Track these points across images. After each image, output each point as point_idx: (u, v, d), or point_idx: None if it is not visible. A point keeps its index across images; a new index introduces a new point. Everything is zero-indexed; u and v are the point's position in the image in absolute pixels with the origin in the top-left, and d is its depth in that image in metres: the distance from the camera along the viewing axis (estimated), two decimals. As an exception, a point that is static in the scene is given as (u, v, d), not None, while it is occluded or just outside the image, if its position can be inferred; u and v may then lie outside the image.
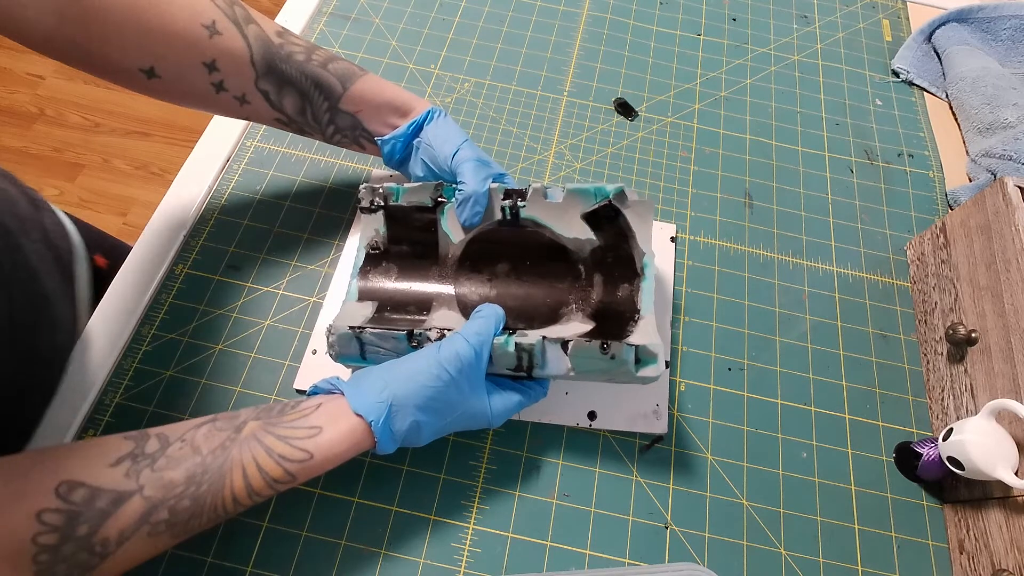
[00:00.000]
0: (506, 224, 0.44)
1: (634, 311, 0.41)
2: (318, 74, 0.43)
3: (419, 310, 0.44)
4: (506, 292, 0.44)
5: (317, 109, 0.44)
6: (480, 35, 0.65)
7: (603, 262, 0.43)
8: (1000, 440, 0.39)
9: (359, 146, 0.47)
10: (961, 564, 0.42)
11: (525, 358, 0.38)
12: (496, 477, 0.43)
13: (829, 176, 0.59)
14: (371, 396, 0.36)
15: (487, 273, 0.45)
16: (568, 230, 0.44)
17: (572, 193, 0.43)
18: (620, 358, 0.37)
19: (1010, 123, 0.57)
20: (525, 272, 0.44)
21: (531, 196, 0.43)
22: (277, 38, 0.43)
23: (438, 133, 0.45)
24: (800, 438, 0.46)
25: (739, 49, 0.67)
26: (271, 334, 0.47)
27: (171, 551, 0.39)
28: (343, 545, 0.40)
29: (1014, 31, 0.66)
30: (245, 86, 0.42)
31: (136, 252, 0.50)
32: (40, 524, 0.28)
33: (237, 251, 0.50)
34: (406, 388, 0.36)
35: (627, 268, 0.43)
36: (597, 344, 0.37)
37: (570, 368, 0.38)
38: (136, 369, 0.45)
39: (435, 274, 0.45)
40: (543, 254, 0.44)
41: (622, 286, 0.42)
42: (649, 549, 0.42)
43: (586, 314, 0.43)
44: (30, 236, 0.46)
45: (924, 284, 0.52)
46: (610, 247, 0.43)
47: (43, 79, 1.51)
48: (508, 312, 0.40)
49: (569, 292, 0.43)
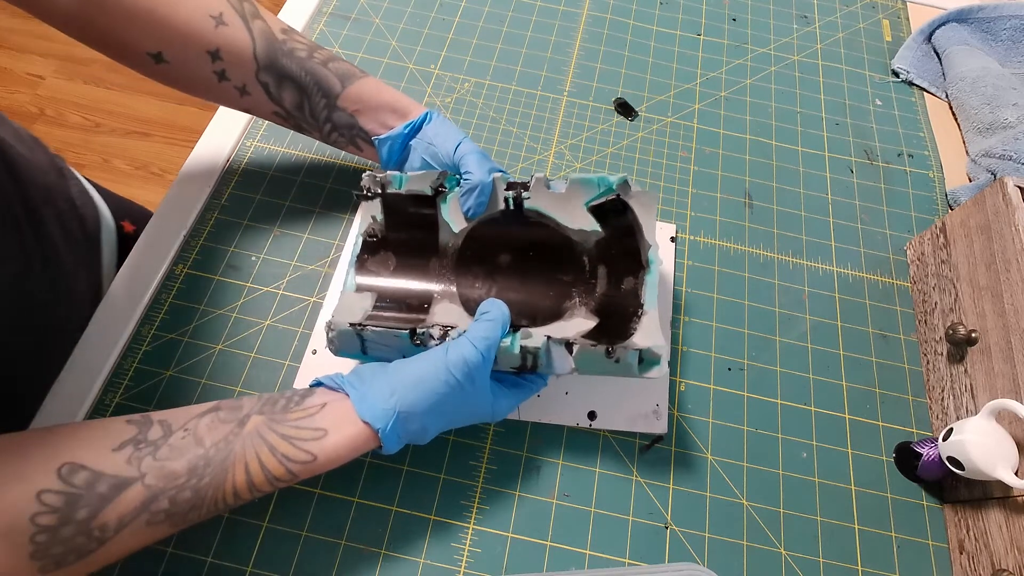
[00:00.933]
0: (509, 214, 0.44)
1: (638, 306, 0.41)
2: (318, 71, 0.44)
3: (419, 303, 0.43)
4: (508, 285, 0.44)
5: (315, 105, 0.45)
6: (480, 35, 0.65)
7: (607, 254, 0.43)
8: (1000, 440, 0.39)
9: (356, 147, 0.47)
10: (961, 564, 0.42)
11: (530, 359, 0.38)
12: (496, 477, 0.43)
13: (829, 176, 0.59)
14: (378, 402, 0.35)
15: (489, 265, 0.44)
16: (572, 221, 0.44)
17: (576, 183, 0.43)
18: (625, 362, 0.38)
19: (1010, 123, 0.57)
20: (527, 264, 0.44)
21: (534, 186, 0.43)
22: (281, 34, 0.44)
23: (438, 131, 0.46)
24: (800, 438, 0.46)
25: (739, 49, 0.67)
26: (271, 334, 0.47)
27: (171, 551, 0.39)
28: (343, 545, 0.40)
29: (1014, 31, 0.66)
30: (246, 77, 0.43)
31: (136, 252, 0.50)
32: (40, 504, 0.28)
33: (237, 251, 0.50)
34: (414, 395, 0.36)
35: (632, 261, 0.42)
36: (602, 349, 0.38)
37: (573, 368, 0.39)
38: (136, 369, 0.45)
39: (435, 265, 0.44)
40: (546, 246, 0.44)
41: (626, 279, 0.42)
42: (649, 549, 0.42)
43: (589, 308, 0.42)
44: (56, 205, 0.47)
45: (924, 284, 0.52)
46: (615, 239, 0.43)
47: (43, 79, 1.51)
48: (510, 307, 0.40)
49: (573, 286, 0.43)
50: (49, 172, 0.48)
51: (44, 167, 0.48)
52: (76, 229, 0.49)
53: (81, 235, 0.49)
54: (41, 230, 0.43)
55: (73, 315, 0.46)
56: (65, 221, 0.47)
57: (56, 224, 0.46)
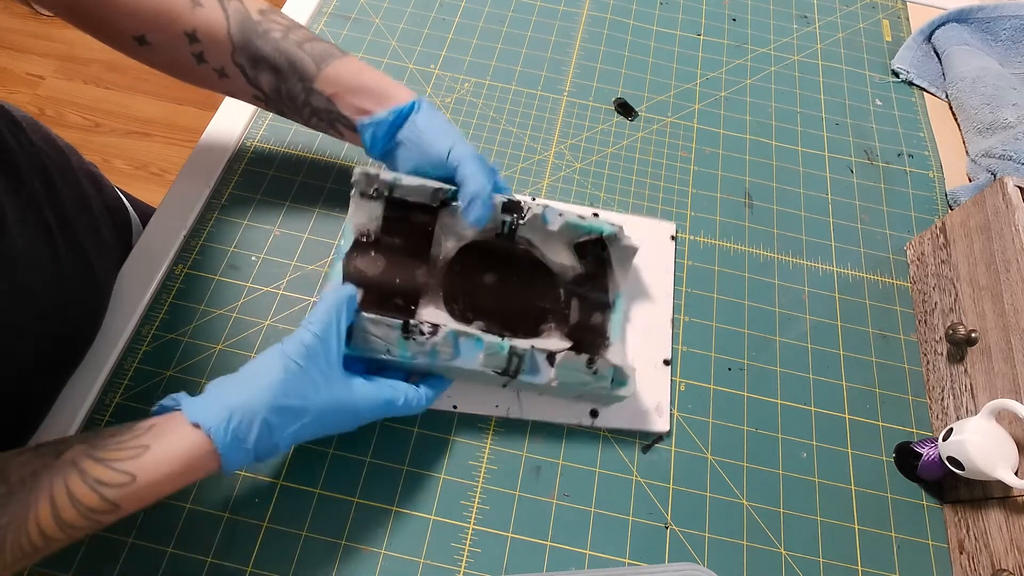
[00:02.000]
0: (502, 237, 0.45)
1: (605, 338, 0.44)
2: (292, 52, 0.43)
3: (406, 304, 0.43)
4: (492, 300, 0.45)
5: (292, 89, 0.43)
6: (480, 35, 0.65)
7: (581, 290, 0.46)
8: (1000, 440, 0.39)
9: (337, 132, 0.46)
10: (961, 564, 0.42)
11: (515, 362, 0.40)
12: (496, 477, 0.43)
13: (829, 176, 0.59)
14: (210, 402, 0.32)
15: (474, 281, 0.45)
16: (556, 255, 0.46)
17: (569, 225, 0.45)
18: (602, 374, 0.41)
19: (1010, 123, 0.57)
20: (511, 285, 0.45)
21: (528, 219, 0.44)
22: (257, 15, 0.43)
23: (431, 124, 0.43)
24: (800, 438, 0.46)
25: (739, 49, 0.67)
26: (271, 334, 0.47)
27: (171, 551, 0.39)
28: (343, 545, 0.40)
29: (1014, 31, 0.66)
30: (223, 59, 0.42)
31: (136, 252, 0.50)
32: None
33: (237, 251, 0.50)
34: (252, 388, 0.33)
35: (601, 300, 0.46)
36: (584, 359, 0.41)
37: (553, 378, 0.41)
38: (136, 369, 0.45)
39: (423, 274, 0.44)
40: (529, 272, 0.46)
41: (595, 314, 0.45)
42: (649, 549, 0.42)
43: (563, 333, 0.45)
44: (91, 213, 0.47)
45: (924, 284, 0.52)
46: (589, 277, 0.46)
47: (43, 79, 1.51)
48: (494, 318, 0.42)
49: (550, 312, 0.45)
50: (83, 180, 0.48)
51: (78, 174, 0.48)
52: (109, 237, 0.48)
53: (114, 243, 0.49)
54: (74, 238, 0.43)
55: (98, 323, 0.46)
56: (99, 229, 0.47)
57: (89, 232, 0.45)
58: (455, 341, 0.40)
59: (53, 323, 0.40)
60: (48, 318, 0.39)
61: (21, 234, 0.37)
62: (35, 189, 0.40)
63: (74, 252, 0.42)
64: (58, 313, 0.40)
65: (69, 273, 0.41)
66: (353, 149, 0.56)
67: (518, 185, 0.56)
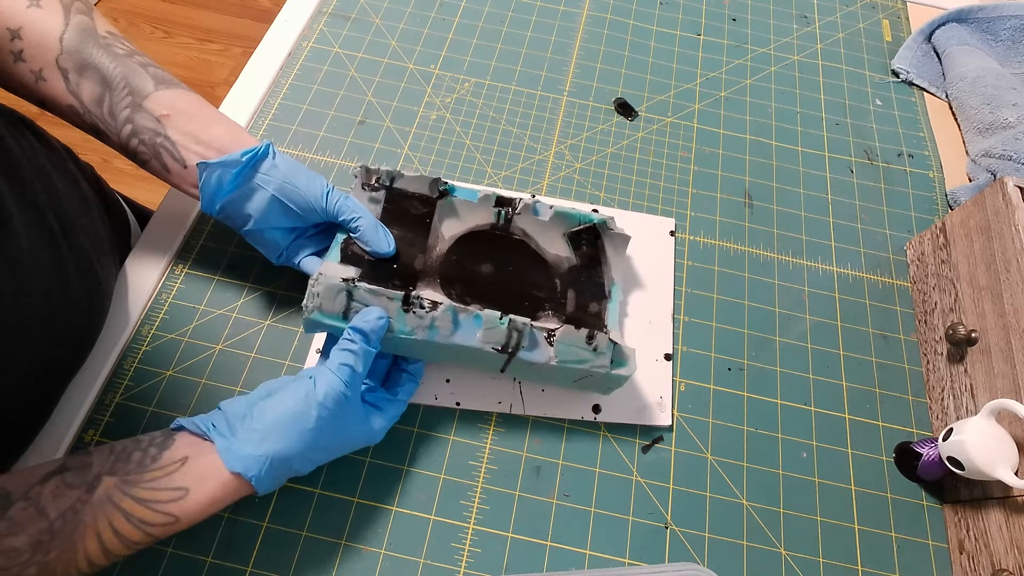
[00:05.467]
0: (499, 228, 0.46)
1: (602, 325, 0.44)
2: (131, 68, 0.40)
3: (404, 285, 0.43)
4: (489, 289, 0.45)
5: (117, 102, 0.40)
6: (480, 35, 0.65)
7: (577, 281, 0.46)
8: (1000, 440, 0.39)
9: (160, 163, 0.41)
10: (961, 564, 0.42)
11: (515, 336, 0.40)
12: (496, 477, 0.43)
13: (829, 176, 0.59)
14: (248, 449, 0.34)
15: (471, 270, 0.45)
16: (551, 246, 0.46)
17: (560, 214, 0.46)
18: (601, 350, 0.40)
19: (1010, 123, 0.57)
20: (508, 275, 0.45)
21: (521, 209, 0.46)
22: (105, 32, 0.41)
23: (296, 171, 0.42)
24: (800, 438, 0.46)
25: (739, 49, 0.67)
26: (271, 334, 0.47)
27: (171, 551, 0.39)
28: (343, 545, 0.40)
29: (1014, 31, 0.66)
30: (44, 61, 0.39)
31: (136, 252, 0.50)
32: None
33: (237, 251, 0.50)
34: (288, 438, 0.35)
35: (597, 291, 0.46)
36: (583, 333, 0.41)
37: (552, 356, 0.40)
38: (136, 369, 0.45)
39: (421, 262, 0.45)
40: (525, 263, 0.46)
41: (591, 304, 0.45)
42: (649, 549, 0.42)
43: (561, 321, 0.44)
44: (91, 216, 0.46)
45: (924, 284, 0.52)
46: (584, 268, 0.46)
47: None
48: (491, 306, 0.41)
49: (546, 301, 0.45)
50: (82, 181, 0.48)
51: (76, 175, 0.47)
52: (108, 238, 0.48)
53: (113, 244, 0.49)
54: (76, 239, 0.43)
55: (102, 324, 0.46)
56: (98, 230, 0.47)
57: (90, 233, 0.45)
58: (454, 316, 0.40)
59: (58, 323, 0.40)
60: (53, 319, 0.39)
61: (26, 235, 0.37)
62: (37, 191, 0.40)
63: (76, 253, 0.42)
64: (63, 313, 0.40)
65: (72, 273, 0.41)
66: (353, 148, 0.56)
67: (518, 185, 0.56)
